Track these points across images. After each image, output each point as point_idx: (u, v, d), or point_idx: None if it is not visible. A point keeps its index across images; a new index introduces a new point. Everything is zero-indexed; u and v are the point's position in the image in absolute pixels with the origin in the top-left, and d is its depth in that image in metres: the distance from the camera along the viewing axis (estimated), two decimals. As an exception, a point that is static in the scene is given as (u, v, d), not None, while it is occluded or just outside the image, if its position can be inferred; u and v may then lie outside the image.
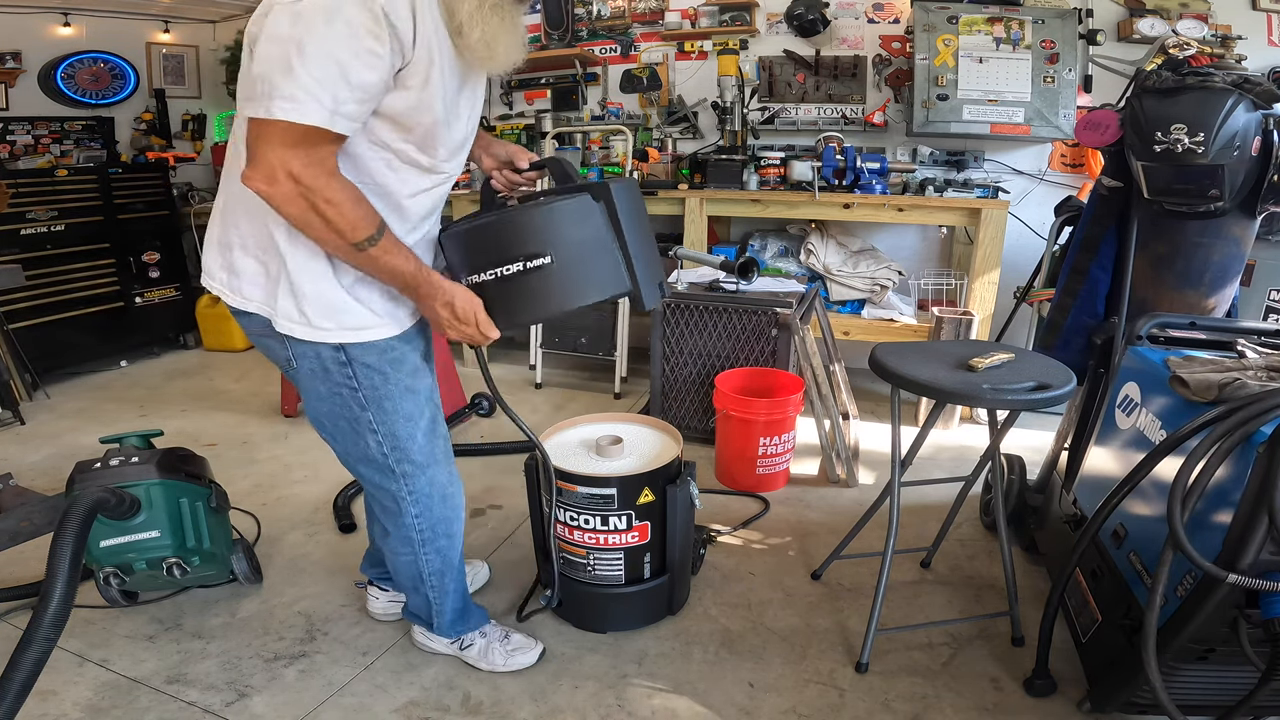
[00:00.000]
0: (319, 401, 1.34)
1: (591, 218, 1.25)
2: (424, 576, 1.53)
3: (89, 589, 1.81)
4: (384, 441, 1.36)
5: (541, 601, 1.76)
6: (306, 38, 0.96)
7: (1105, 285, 1.90)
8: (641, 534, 1.67)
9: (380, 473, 1.40)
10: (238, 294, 1.26)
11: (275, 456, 2.80)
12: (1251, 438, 1.13)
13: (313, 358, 1.28)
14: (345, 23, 0.97)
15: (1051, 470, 2.02)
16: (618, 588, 1.71)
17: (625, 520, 1.64)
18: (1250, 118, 1.56)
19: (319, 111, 0.99)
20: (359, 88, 1.02)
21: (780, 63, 3.54)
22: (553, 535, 1.70)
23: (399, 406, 1.35)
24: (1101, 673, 1.42)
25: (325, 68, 0.98)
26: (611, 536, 1.66)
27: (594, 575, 1.70)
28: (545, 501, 1.71)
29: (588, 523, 1.65)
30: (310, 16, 0.96)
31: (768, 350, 2.66)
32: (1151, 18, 2.97)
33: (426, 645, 1.68)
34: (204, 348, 4.39)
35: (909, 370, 1.52)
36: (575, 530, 1.67)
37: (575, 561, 1.71)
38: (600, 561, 1.69)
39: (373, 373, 1.30)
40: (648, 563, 1.71)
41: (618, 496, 1.62)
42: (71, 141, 4.50)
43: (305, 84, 0.97)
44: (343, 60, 0.98)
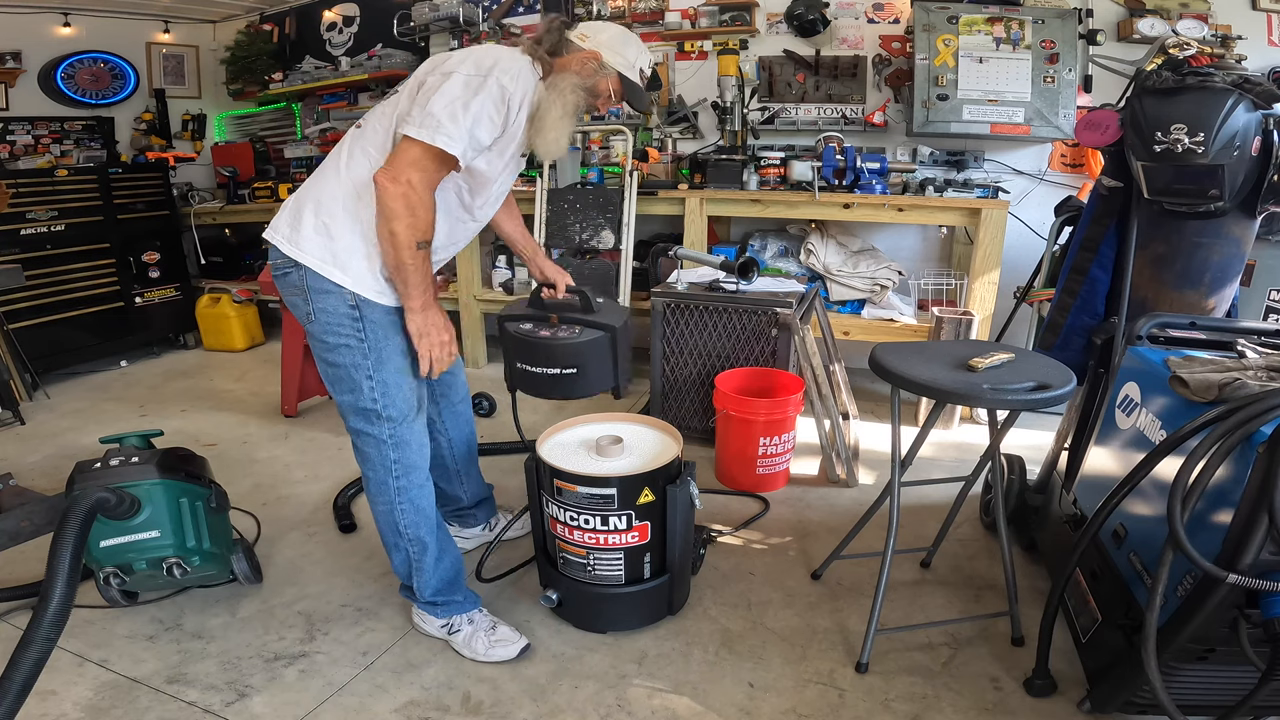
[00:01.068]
0: (330, 353, 1.58)
1: (605, 348, 1.92)
2: (400, 528, 1.64)
3: (89, 589, 1.81)
4: (376, 388, 1.57)
5: (542, 602, 1.76)
6: (469, 100, 1.42)
7: (1105, 285, 1.90)
8: (641, 534, 1.67)
9: (368, 420, 1.60)
10: (295, 245, 1.53)
11: (275, 456, 2.80)
12: (1251, 438, 1.13)
13: (332, 311, 1.54)
14: (488, 98, 1.44)
15: (1051, 470, 2.02)
16: (618, 588, 1.71)
17: (625, 520, 1.64)
18: (1250, 118, 1.56)
19: (459, 147, 1.43)
20: (478, 141, 1.47)
21: (780, 63, 3.54)
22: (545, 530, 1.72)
23: (393, 359, 1.58)
24: (1101, 673, 1.42)
25: (471, 123, 1.43)
26: (611, 536, 1.65)
27: (594, 575, 1.70)
28: (544, 502, 1.72)
29: (587, 523, 1.64)
30: (473, 87, 1.43)
31: (768, 350, 2.66)
32: (1151, 18, 2.97)
33: (421, 626, 1.75)
34: (204, 348, 4.39)
35: (909, 370, 1.52)
36: (575, 530, 1.67)
37: (575, 561, 1.70)
38: (600, 561, 1.68)
39: (378, 328, 1.56)
40: (648, 563, 1.71)
41: (618, 496, 1.62)
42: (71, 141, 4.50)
43: (458, 130, 1.42)
44: (480, 122, 1.45)
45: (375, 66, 4.24)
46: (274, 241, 1.56)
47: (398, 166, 1.42)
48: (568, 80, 1.57)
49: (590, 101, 1.65)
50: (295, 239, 1.54)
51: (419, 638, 1.74)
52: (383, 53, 4.25)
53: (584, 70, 1.61)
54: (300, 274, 1.54)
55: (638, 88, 1.70)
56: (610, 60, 1.64)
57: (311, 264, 1.52)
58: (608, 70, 1.64)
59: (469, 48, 1.57)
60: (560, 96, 1.56)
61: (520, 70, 1.50)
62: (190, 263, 4.50)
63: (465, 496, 2.08)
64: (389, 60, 4.21)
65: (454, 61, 1.49)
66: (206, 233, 4.62)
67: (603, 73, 1.64)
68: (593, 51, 1.63)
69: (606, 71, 1.64)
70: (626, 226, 3.32)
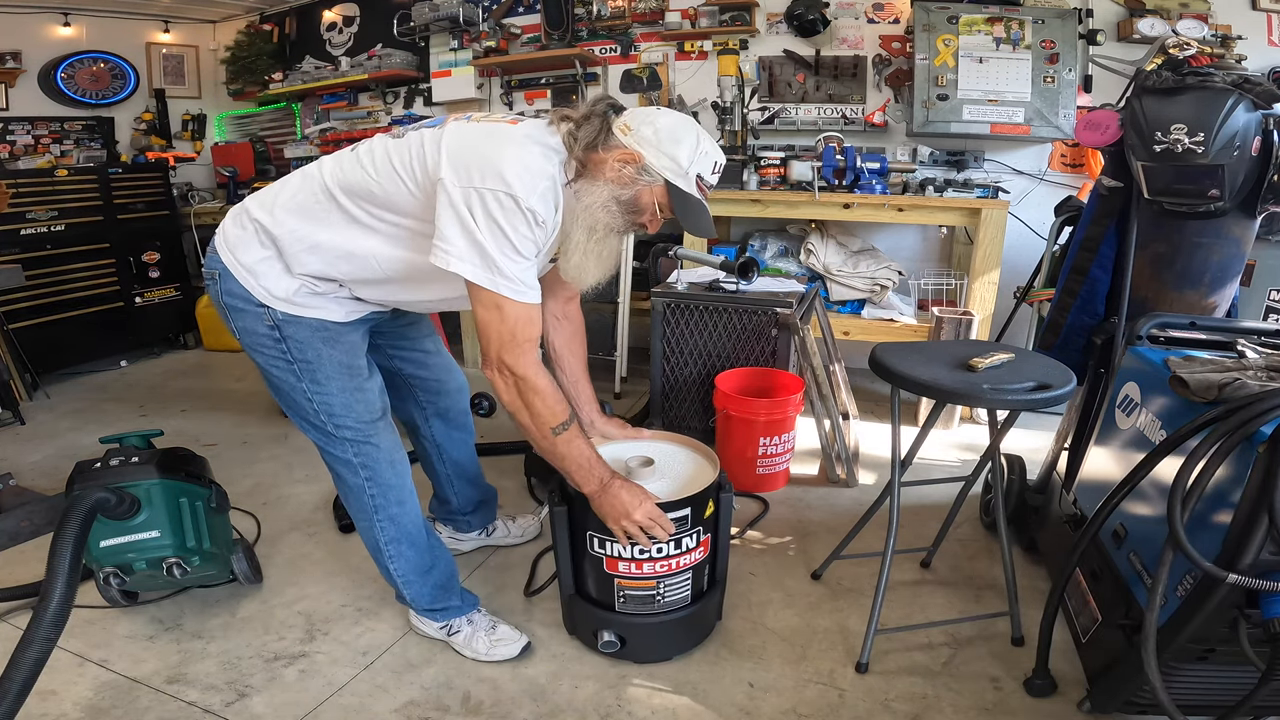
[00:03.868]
0: (266, 373, 1.48)
1: None
2: (381, 545, 1.59)
3: (89, 589, 1.81)
4: (320, 409, 1.46)
5: (603, 648, 1.62)
6: (505, 231, 1.25)
7: (1105, 285, 1.89)
8: (704, 548, 1.60)
9: (324, 438, 1.50)
10: (228, 247, 1.41)
11: (275, 456, 2.80)
12: (1251, 438, 1.13)
13: (251, 331, 1.42)
14: (522, 223, 1.25)
15: (1051, 470, 2.02)
16: (682, 610, 1.63)
17: (695, 538, 1.56)
18: (1250, 118, 1.56)
19: (533, 294, 1.33)
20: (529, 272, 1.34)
21: (780, 63, 3.54)
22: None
23: (332, 379, 1.44)
24: (1101, 673, 1.42)
25: (519, 263, 1.28)
26: (684, 558, 1.56)
27: (662, 604, 1.59)
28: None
29: (660, 550, 1.52)
30: (495, 214, 1.25)
31: (768, 350, 2.66)
32: (1151, 18, 2.97)
33: (420, 629, 1.74)
34: (204, 348, 4.39)
35: (909, 370, 1.52)
36: (646, 563, 1.54)
37: (640, 595, 1.58)
38: (670, 587, 1.58)
39: (305, 348, 1.42)
40: (706, 574, 1.65)
41: (691, 515, 1.52)
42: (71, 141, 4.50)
43: (517, 269, 1.29)
44: (522, 248, 1.28)
45: (375, 66, 4.24)
46: (216, 241, 1.44)
47: (491, 348, 1.28)
48: (598, 194, 1.29)
49: (631, 221, 1.34)
50: (235, 240, 1.41)
51: (419, 638, 1.74)
52: (383, 53, 4.25)
53: (620, 177, 1.29)
54: (217, 287, 1.42)
55: (694, 203, 1.31)
56: (655, 163, 1.28)
57: (232, 267, 1.39)
58: (652, 177, 1.30)
59: (468, 130, 1.29)
60: (588, 216, 1.29)
61: (545, 190, 1.25)
62: (190, 263, 4.49)
63: (455, 501, 2.02)
64: (389, 60, 4.22)
65: (458, 162, 1.23)
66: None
67: (645, 179, 1.30)
68: (633, 152, 1.29)
69: (650, 179, 1.30)
70: None
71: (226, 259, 1.42)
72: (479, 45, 3.98)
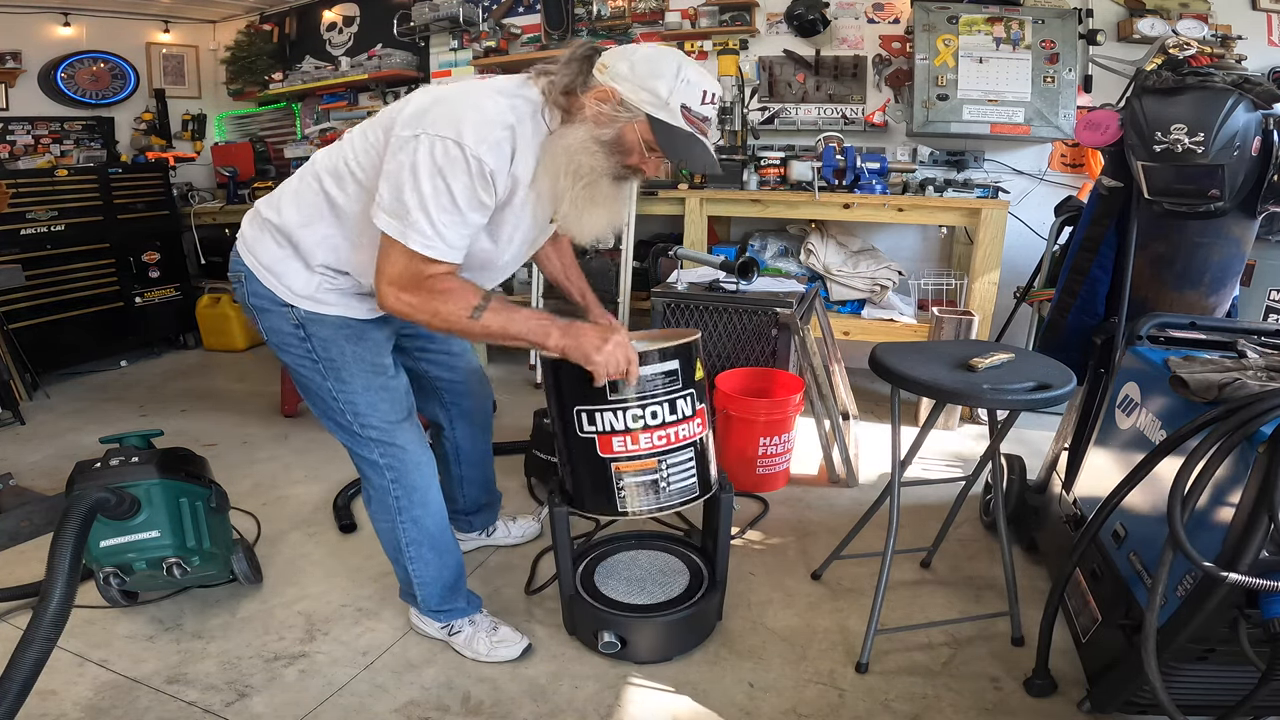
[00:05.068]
0: (293, 372, 1.49)
1: None
2: (402, 547, 1.59)
3: (89, 589, 1.81)
4: (345, 408, 1.46)
5: (603, 649, 1.61)
6: (437, 181, 1.21)
7: (1105, 285, 1.90)
8: (703, 420, 1.47)
9: (351, 438, 1.51)
10: (249, 250, 1.42)
11: (275, 456, 2.80)
12: (1251, 438, 1.13)
13: (278, 330, 1.43)
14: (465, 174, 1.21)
15: (1051, 470, 2.02)
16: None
17: (690, 403, 1.44)
18: (1250, 118, 1.56)
19: (441, 247, 1.26)
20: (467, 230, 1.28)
21: (780, 63, 3.54)
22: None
23: (357, 376, 1.45)
24: (1101, 673, 1.42)
25: (447, 217, 1.24)
26: (683, 427, 1.43)
27: (668, 493, 1.45)
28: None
29: (655, 416, 1.39)
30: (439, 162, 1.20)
31: (768, 350, 2.66)
32: (1151, 18, 2.97)
33: (420, 628, 1.74)
34: (204, 348, 4.39)
35: (909, 370, 1.52)
36: (643, 434, 1.39)
37: (643, 484, 1.44)
38: (674, 470, 1.44)
39: (329, 345, 1.42)
40: (711, 460, 1.53)
41: (680, 371, 1.42)
42: (71, 141, 4.50)
43: (430, 225, 1.23)
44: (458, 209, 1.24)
45: (375, 66, 4.24)
46: (238, 244, 1.46)
47: (388, 281, 1.23)
48: (576, 135, 1.22)
49: (619, 163, 1.26)
50: (253, 240, 1.43)
51: (419, 638, 1.74)
52: (383, 53, 4.25)
53: (599, 117, 1.22)
54: (243, 289, 1.44)
55: (681, 136, 1.21)
56: (632, 98, 1.20)
57: (255, 268, 1.41)
58: (631, 113, 1.21)
59: (438, 89, 1.27)
60: (568, 160, 1.22)
61: (500, 139, 1.20)
62: (190, 263, 4.50)
63: (462, 501, 2.02)
64: (389, 60, 4.22)
65: (415, 113, 1.21)
66: (206, 233, 4.61)
67: (625, 116, 1.22)
68: (608, 88, 1.21)
69: (630, 114, 1.22)
70: (626, 226, 3.32)
71: (249, 260, 1.43)
72: (479, 45, 3.99)
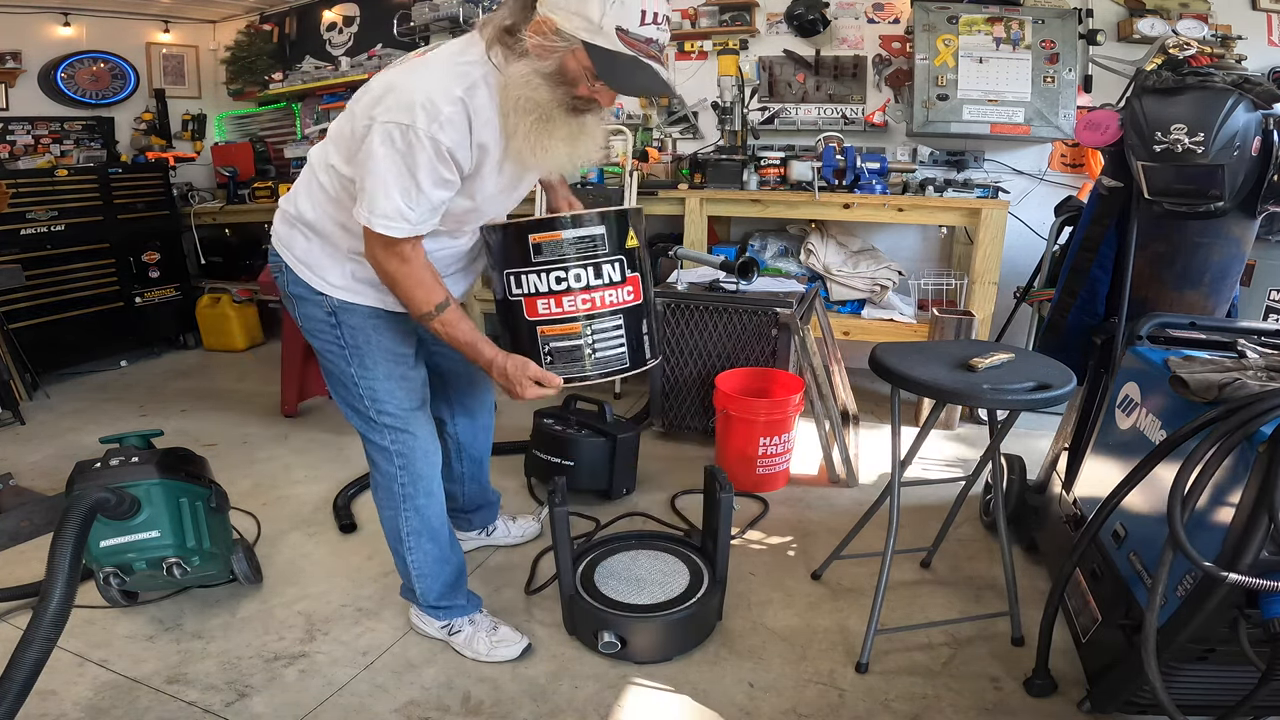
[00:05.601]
0: (320, 357, 1.55)
1: (602, 452, 2.35)
2: (402, 535, 1.61)
3: (89, 589, 1.81)
4: (365, 393, 1.52)
5: (603, 649, 1.62)
6: (398, 169, 1.25)
7: (1105, 285, 1.90)
8: (635, 290, 1.42)
9: (365, 423, 1.56)
10: (283, 243, 1.48)
11: (275, 456, 2.80)
12: (1251, 438, 1.13)
13: (312, 318, 1.50)
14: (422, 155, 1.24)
15: (1051, 470, 2.02)
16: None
17: (619, 269, 1.39)
18: (1250, 118, 1.56)
19: (405, 228, 1.30)
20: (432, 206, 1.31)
21: (780, 63, 3.54)
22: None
23: (379, 364, 1.51)
24: (1101, 673, 1.42)
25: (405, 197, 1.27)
26: (609, 293, 1.39)
27: (595, 360, 1.42)
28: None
29: (579, 279, 1.37)
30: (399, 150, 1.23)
31: (768, 350, 2.66)
32: (1151, 18, 2.97)
33: (420, 628, 1.74)
34: (204, 348, 4.39)
35: (909, 370, 1.52)
36: (566, 296, 1.37)
37: (568, 349, 1.41)
38: (601, 337, 1.41)
39: (357, 333, 1.49)
40: (646, 334, 1.47)
41: (607, 236, 1.38)
42: (71, 141, 4.50)
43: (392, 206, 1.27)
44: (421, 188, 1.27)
45: (375, 66, 4.23)
46: (273, 240, 1.53)
47: (372, 255, 1.33)
48: (520, 70, 1.21)
49: (568, 94, 1.23)
50: (285, 236, 1.50)
51: (419, 638, 1.74)
52: (383, 53, 4.25)
53: (538, 49, 1.19)
54: (284, 278, 1.51)
55: (622, 61, 1.16)
56: (566, 26, 1.16)
57: (290, 263, 1.48)
58: (568, 41, 1.17)
59: (391, 74, 1.29)
60: (513, 95, 1.22)
61: (452, 114, 1.20)
62: (190, 263, 4.49)
63: (462, 498, 2.03)
64: (389, 60, 4.21)
65: (371, 101, 1.25)
66: (206, 233, 4.62)
67: (562, 47, 1.18)
68: (543, 18, 1.17)
69: (567, 43, 1.18)
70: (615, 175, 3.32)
71: (285, 256, 1.49)
72: (479, 45, 3.98)
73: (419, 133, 1.19)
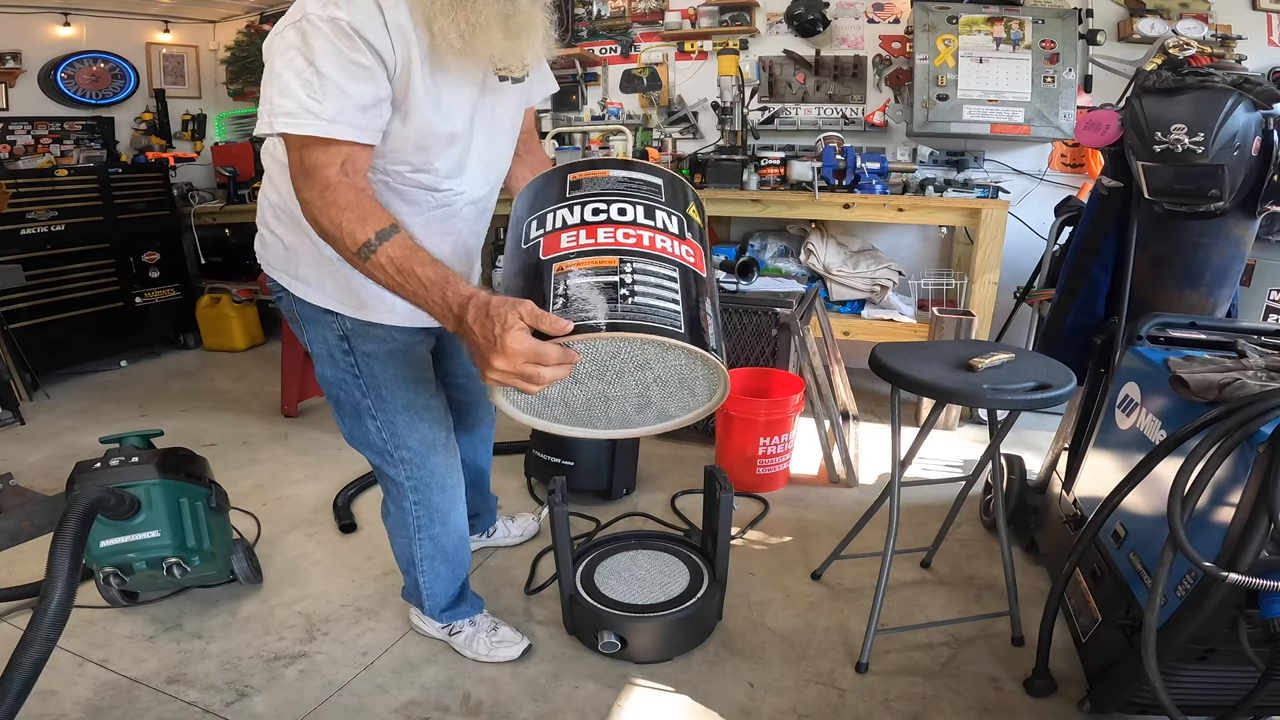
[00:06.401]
0: (328, 386, 1.42)
1: (602, 451, 2.33)
2: (416, 561, 1.57)
3: (89, 589, 1.81)
4: (383, 428, 1.41)
5: (603, 649, 1.61)
6: (294, 59, 1.05)
7: (1105, 285, 1.90)
8: (698, 259, 1.06)
9: (380, 457, 1.45)
10: (266, 261, 1.37)
11: (275, 456, 2.80)
12: (1252, 438, 1.13)
13: (322, 342, 1.37)
14: (320, 40, 1.04)
15: (1051, 470, 2.02)
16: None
17: (678, 224, 1.07)
18: (1250, 118, 1.56)
19: (315, 124, 1.06)
20: (350, 101, 1.08)
21: (780, 63, 3.54)
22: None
23: (397, 396, 1.39)
24: (1101, 673, 1.42)
25: (307, 88, 1.06)
26: (661, 239, 1.02)
27: (634, 306, 0.93)
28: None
29: (623, 213, 1.02)
30: (293, 41, 1.06)
31: (768, 350, 2.66)
32: (1151, 18, 2.97)
33: (420, 628, 1.74)
34: (204, 348, 4.39)
35: (909, 370, 1.52)
36: (603, 228, 1.00)
37: (596, 287, 0.94)
38: (644, 278, 0.96)
39: (373, 361, 1.36)
40: (710, 317, 1.02)
41: (665, 190, 1.11)
42: (71, 141, 4.49)
43: (294, 103, 1.06)
44: (327, 78, 1.06)
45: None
46: (259, 262, 1.40)
47: (295, 190, 1.09)
48: None
49: None
50: (264, 254, 1.37)
51: (419, 637, 1.74)
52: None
53: None
54: (288, 300, 1.37)
55: None
56: None
57: (282, 280, 1.34)
58: None
59: None
60: None
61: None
62: (190, 263, 4.49)
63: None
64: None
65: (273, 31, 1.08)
66: (206, 233, 4.61)
67: None
68: None
69: None
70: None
71: (273, 275, 1.38)
72: (479, 45, 3.98)
73: (312, 19, 1.02)
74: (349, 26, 1.03)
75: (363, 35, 1.04)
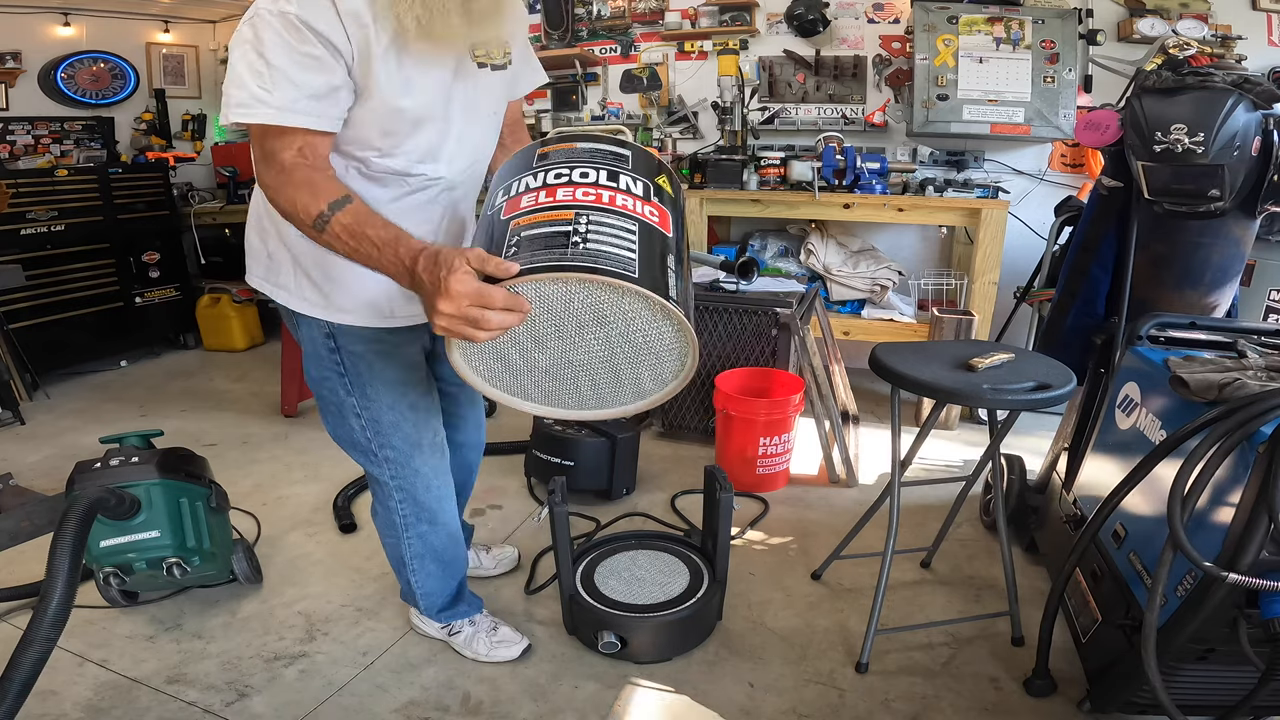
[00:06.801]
0: (314, 383, 1.42)
1: (603, 452, 2.34)
2: (405, 560, 1.57)
3: (89, 589, 1.81)
4: (367, 427, 1.41)
5: (603, 649, 1.61)
6: (248, 54, 1.08)
7: (1105, 285, 1.90)
8: (663, 220, 1.07)
9: (365, 456, 1.46)
10: (252, 273, 1.38)
11: (275, 456, 2.80)
12: (1251, 438, 1.13)
13: (311, 340, 1.37)
14: (269, 34, 1.06)
15: (1051, 470, 2.02)
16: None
17: (643, 188, 1.08)
18: (1250, 118, 1.56)
19: (264, 111, 1.08)
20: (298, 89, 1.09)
21: (780, 63, 3.54)
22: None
23: (383, 395, 1.39)
24: (1101, 673, 1.42)
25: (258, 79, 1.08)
26: (622, 197, 1.04)
27: (584, 251, 0.94)
28: None
29: (585, 176, 1.05)
30: (247, 37, 1.08)
31: (768, 350, 2.66)
32: (1151, 18, 2.97)
33: (420, 628, 1.74)
34: (204, 348, 4.39)
35: (909, 370, 1.52)
36: (561, 188, 1.03)
37: (547, 236, 0.96)
38: (598, 228, 0.97)
39: (359, 360, 1.36)
40: (672, 270, 1.02)
41: (633, 159, 1.12)
42: (71, 141, 4.49)
43: (245, 94, 1.08)
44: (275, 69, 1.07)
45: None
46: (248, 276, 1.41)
47: (255, 170, 1.13)
48: None
49: None
50: (252, 265, 1.39)
51: (419, 637, 1.74)
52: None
53: None
54: (284, 312, 1.40)
55: None
56: None
57: (265, 289, 1.36)
58: None
59: None
60: None
61: None
62: (190, 263, 4.49)
63: None
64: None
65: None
66: (206, 233, 4.61)
67: None
68: None
69: None
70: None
71: (260, 286, 1.39)
72: (479, 45, 3.98)
73: (262, 14, 1.05)
74: (297, 19, 1.04)
75: (312, 27, 1.05)
